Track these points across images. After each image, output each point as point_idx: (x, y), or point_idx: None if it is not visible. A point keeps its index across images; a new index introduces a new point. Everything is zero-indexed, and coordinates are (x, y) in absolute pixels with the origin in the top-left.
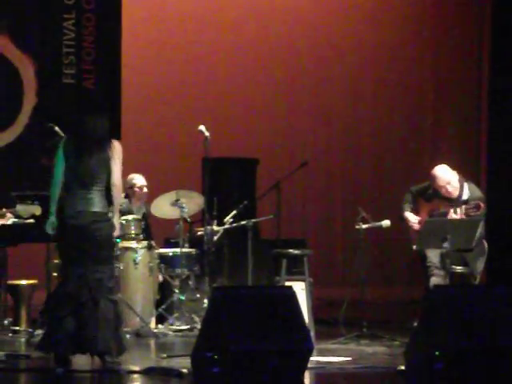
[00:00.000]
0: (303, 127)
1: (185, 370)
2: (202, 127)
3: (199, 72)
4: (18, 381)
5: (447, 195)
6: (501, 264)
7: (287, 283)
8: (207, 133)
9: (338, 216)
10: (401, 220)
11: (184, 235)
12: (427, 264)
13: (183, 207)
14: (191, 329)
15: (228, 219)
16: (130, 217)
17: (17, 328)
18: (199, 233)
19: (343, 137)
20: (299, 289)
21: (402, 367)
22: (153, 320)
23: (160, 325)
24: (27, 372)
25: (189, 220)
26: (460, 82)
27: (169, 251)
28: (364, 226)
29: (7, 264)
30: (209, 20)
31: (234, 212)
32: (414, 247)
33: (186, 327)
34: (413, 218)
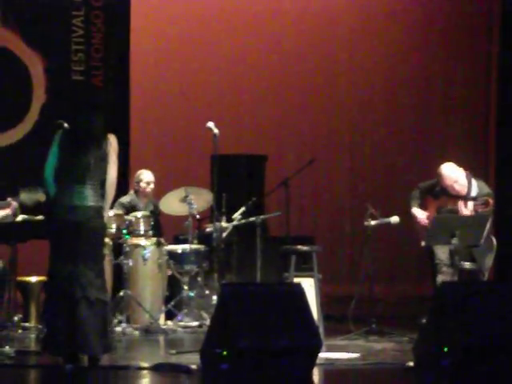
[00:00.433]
0: (311, 124)
1: (194, 367)
2: (211, 124)
3: (208, 69)
4: (28, 377)
5: (455, 193)
6: (509, 260)
7: (296, 280)
8: (216, 130)
9: (347, 213)
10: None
11: (193, 232)
12: (436, 262)
13: (192, 204)
14: (200, 325)
15: (237, 216)
16: (139, 214)
17: (26, 324)
18: (208, 229)
19: (351, 133)
20: (308, 285)
21: (411, 363)
22: (162, 316)
23: (169, 321)
24: (37, 368)
25: (198, 217)
26: (468, 80)
27: (178, 248)
28: (373, 223)
29: (17, 261)
30: (218, 17)
31: (243, 209)
32: (423, 243)
33: (195, 323)
34: (420, 214)
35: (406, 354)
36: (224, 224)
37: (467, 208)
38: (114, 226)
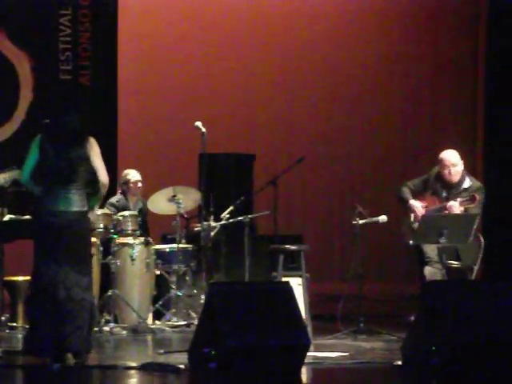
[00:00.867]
0: (300, 123)
1: (182, 366)
2: (199, 123)
3: (196, 68)
4: (15, 377)
5: (448, 178)
6: (497, 259)
7: (284, 279)
8: (204, 129)
9: (335, 212)
10: (402, 203)
11: (181, 231)
12: (426, 259)
13: (180, 203)
14: (188, 324)
15: (225, 215)
16: (127, 213)
17: (14, 324)
18: (196, 229)
19: (340, 132)
20: (296, 284)
21: (399, 362)
22: (150, 316)
23: (157, 321)
24: (24, 368)
25: (186, 216)
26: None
27: (166, 247)
28: (361, 222)
29: (4, 260)
30: (205, 16)
31: (231, 208)
32: (411, 242)
33: (183, 323)
34: (418, 205)
35: (395, 353)
36: (212, 223)
37: (457, 201)
38: (102, 226)
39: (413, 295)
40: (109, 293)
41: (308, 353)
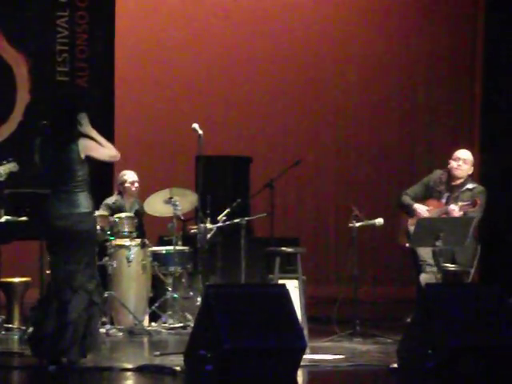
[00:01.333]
0: (297, 126)
1: (178, 368)
2: (196, 125)
3: (193, 70)
4: (11, 378)
5: (454, 172)
6: (493, 262)
7: (280, 281)
8: (200, 131)
9: (331, 214)
10: (406, 209)
11: (177, 233)
12: (419, 263)
13: (176, 205)
14: (184, 327)
15: (221, 217)
16: (123, 215)
17: (9, 326)
18: (192, 231)
19: (336, 135)
20: (292, 287)
21: (395, 365)
22: (146, 318)
23: (153, 323)
24: (20, 370)
25: (182, 218)
26: (454, 79)
27: (162, 249)
28: (357, 225)
29: (0, 262)
30: (203, 18)
31: (228, 210)
32: (407, 245)
33: (179, 325)
34: (423, 209)
35: (390, 356)
36: (209, 225)
37: (457, 204)
38: (98, 228)
39: (409, 298)
40: (105, 294)
41: (304, 355)
